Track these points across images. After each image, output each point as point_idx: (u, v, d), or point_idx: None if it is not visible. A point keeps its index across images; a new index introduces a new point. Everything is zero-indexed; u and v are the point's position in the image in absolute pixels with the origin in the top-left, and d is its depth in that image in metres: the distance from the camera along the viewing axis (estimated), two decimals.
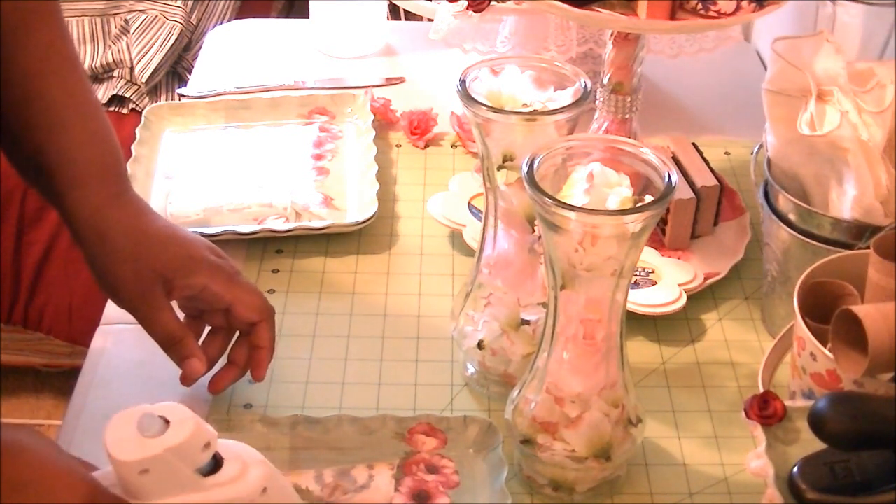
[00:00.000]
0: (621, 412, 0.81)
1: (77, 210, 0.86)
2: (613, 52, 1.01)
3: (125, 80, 1.93)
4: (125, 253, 0.86)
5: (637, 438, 0.82)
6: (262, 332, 0.89)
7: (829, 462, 0.71)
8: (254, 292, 0.90)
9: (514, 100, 0.83)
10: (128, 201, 0.88)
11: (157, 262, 0.86)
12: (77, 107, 0.87)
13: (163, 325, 0.86)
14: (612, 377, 0.80)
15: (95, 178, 0.86)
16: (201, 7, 2.05)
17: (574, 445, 0.80)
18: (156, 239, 0.87)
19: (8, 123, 0.86)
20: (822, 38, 0.91)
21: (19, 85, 0.85)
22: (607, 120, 1.04)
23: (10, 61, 0.84)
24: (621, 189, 0.73)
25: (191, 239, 0.89)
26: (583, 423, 0.80)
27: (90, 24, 2.00)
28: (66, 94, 0.86)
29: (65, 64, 0.87)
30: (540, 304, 0.89)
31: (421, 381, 0.95)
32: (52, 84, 0.86)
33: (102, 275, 0.87)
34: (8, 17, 0.83)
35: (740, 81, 1.40)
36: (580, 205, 0.72)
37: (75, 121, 0.86)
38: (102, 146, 0.88)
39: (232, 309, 0.88)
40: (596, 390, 0.79)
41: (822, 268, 0.84)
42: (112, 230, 0.86)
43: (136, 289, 0.86)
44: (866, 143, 0.87)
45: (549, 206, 0.71)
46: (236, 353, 0.91)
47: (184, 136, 1.25)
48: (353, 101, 1.29)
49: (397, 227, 1.13)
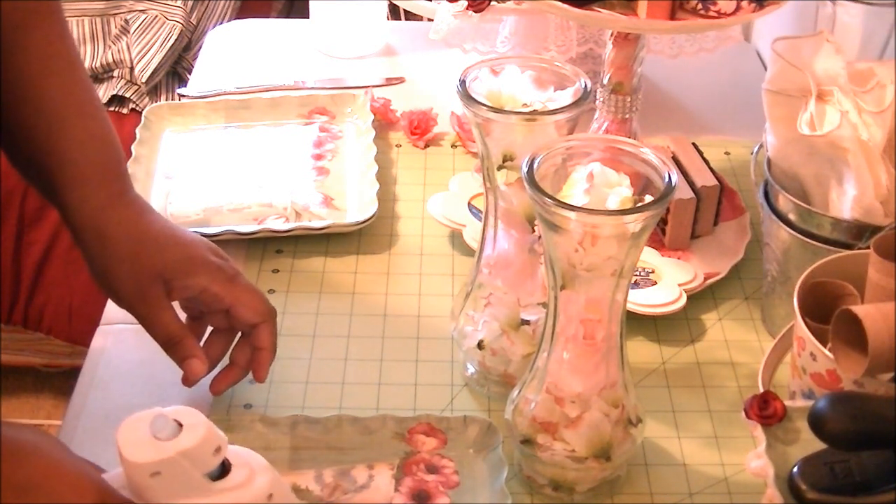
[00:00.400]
0: (621, 412, 0.81)
1: (77, 210, 0.86)
2: (613, 52, 1.01)
3: (125, 80, 1.93)
4: (125, 253, 0.85)
5: (637, 438, 0.82)
6: (263, 333, 0.89)
7: (829, 462, 0.71)
8: (255, 294, 0.89)
9: (514, 100, 0.83)
10: (129, 202, 0.88)
11: (157, 262, 0.86)
12: (77, 107, 0.87)
13: (163, 325, 0.86)
14: (612, 377, 0.80)
15: (96, 178, 0.86)
16: (201, 7, 2.05)
17: (574, 445, 0.80)
18: (156, 239, 0.87)
19: (8, 124, 0.86)
20: (822, 38, 0.91)
21: (19, 85, 0.85)
22: (607, 120, 1.04)
23: (10, 61, 0.84)
24: (621, 189, 0.73)
25: (191, 239, 0.89)
26: (583, 423, 0.80)
27: (90, 24, 2.00)
28: (66, 94, 0.86)
29: (65, 64, 0.87)
30: (540, 304, 0.89)
31: (421, 381, 0.95)
32: (52, 84, 0.86)
33: (102, 275, 0.87)
34: (8, 17, 0.83)
35: (740, 81, 1.40)
36: (580, 205, 0.72)
37: (75, 121, 0.86)
38: (103, 146, 0.88)
39: (232, 310, 0.88)
40: (596, 390, 0.79)
41: (822, 268, 0.84)
42: (112, 230, 0.86)
43: (136, 289, 0.86)
44: (866, 143, 0.87)
45: (549, 206, 0.71)
46: (238, 354, 0.91)
47: (184, 136, 1.25)
48: (353, 101, 1.29)
49: (397, 227, 1.13)
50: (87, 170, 0.86)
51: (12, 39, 0.84)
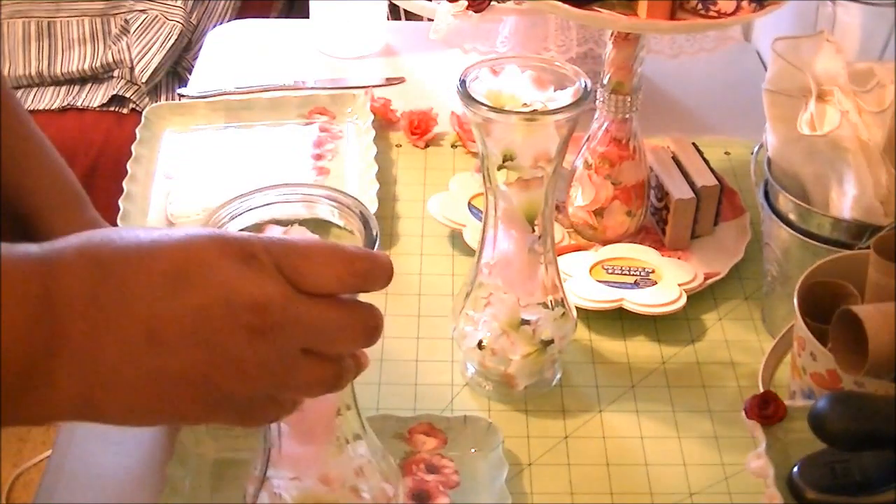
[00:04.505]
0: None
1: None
2: (613, 52, 1.01)
3: (125, 80, 1.93)
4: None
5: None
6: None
7: (829, 462, 0.71)
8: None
9: (514, 100, 0.82)
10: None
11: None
12: (35, 139, 0.86)
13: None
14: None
15: (64, 209, 0.86)
16: (201, 7, 2.05)
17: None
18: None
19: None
20: (822, 38, 0.91)
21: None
22: (607, 120, 1.04)
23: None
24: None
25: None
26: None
27: (90, 24, 2.00)
28: (24, 128, 0.86)
29: (11, 100, 0.86)
30: (540, 304, 0.89)
31: (421, 381, 0.95)
32: (10, 120, 0.84)
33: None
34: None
35: (740, 81, 1.40)
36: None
37: (37, 154, 0.85)
38: (63, 178, 0.87)
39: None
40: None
41: (822, 268, 0.84)
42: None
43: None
44: (866, 143, 0.87)
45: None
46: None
47: (184, 136, 1.25)
48: (353, 101, 1.29)
49: (397, 227, 1.13)
50: (55, 201, 0.85)
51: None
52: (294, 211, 0.67)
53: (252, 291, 0.57)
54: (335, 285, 0.59)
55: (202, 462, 0.85)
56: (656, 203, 1.08)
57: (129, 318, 0.55)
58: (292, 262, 0.58)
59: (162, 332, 0.56)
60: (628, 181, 1.05)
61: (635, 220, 1.07)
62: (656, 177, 1.08)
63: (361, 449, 0.73)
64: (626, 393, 0.94)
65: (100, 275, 0.55)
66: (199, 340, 0.56)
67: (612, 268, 1.03)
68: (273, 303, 0.57)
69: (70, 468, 0.86)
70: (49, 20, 2.01)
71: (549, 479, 0.86)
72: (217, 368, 0.57)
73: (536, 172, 0.83)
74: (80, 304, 0.55)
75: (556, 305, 0.89)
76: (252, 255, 0.58)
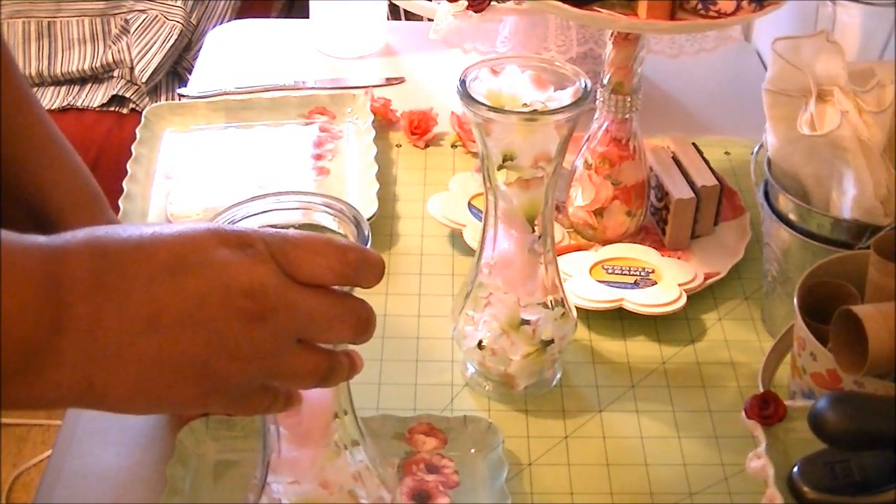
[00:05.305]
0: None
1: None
2: (613, 52, 1.01)
3: (125, 80, 1.93)
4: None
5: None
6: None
7: (829, 462, 0.71)
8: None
9: (514, 100, 0.82)
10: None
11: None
12: (56, 140, 0.87)
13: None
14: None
15: (83, 209, 0.86)
16: (201, 7, 2.05)
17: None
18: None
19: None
20: (822, 38, 0.91)
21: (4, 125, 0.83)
22: (607, 120, 1.04)
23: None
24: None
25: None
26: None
27: (90, 24, 2.00)
28: (46, 128, 0.86)
29: (32, 100, 0.87)
30: (540, 304, 0.89)
31: (421, 381, 0.95)
32: (33, 120, 0.85)
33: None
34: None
35: (740, 81, 1.40)
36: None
37: (58, 154, 0.86)
38: (83, 178, 0.88)
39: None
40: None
41: (822, 268, 0.84)
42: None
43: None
44: (866, 143, 0.87)
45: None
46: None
47: (184, 136, 1.25)
48: (353, 101, 1.29)
49: (397, 227, 1.13)
50: (74, 201, 0.86)
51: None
52: (290, 217, 0.69)
53: (249, 277, 0.59)
54: (328, 275, 0.62)
55: (202, 462, 0.85)
56: (656, 203, 1.08)
57: (131, 303, 0.57)
58: (287, 252, 0.60)
59: (162, 316, 0.57)
60: (628, 181, 1.05)
61: (635, 220, 1.07)
62: (656, 177, 1.08)
63: (359, 455, 0.73)
64: (626, 393, 0.94)
65: (103, 262, 0.57)
66: (198, 325, 0.58)
67: (612, 268, 1.03)
68: (268, 289, 0.59)
69: (70, 468, 0.86)
70: (49, 20, 2.01)
71: (549, 479, 0.86)
72: (214, 352, 0.58)
73: (536, 172, 0.83)
74: (84, 287, 0.56)
75: (556, 305, 0.89)
76: (249, 244, 0.60)
